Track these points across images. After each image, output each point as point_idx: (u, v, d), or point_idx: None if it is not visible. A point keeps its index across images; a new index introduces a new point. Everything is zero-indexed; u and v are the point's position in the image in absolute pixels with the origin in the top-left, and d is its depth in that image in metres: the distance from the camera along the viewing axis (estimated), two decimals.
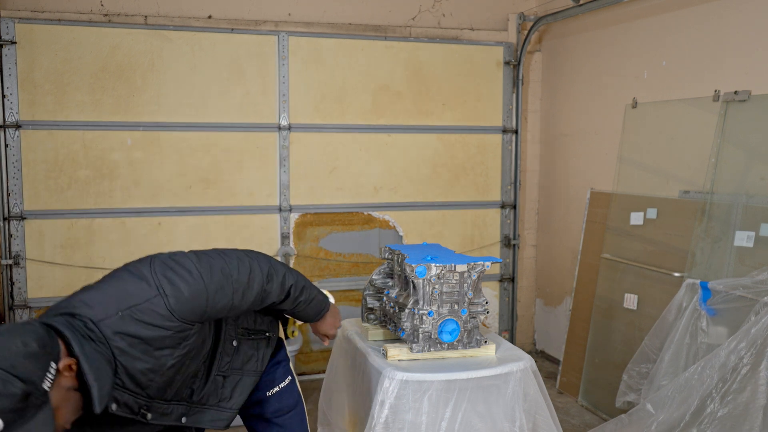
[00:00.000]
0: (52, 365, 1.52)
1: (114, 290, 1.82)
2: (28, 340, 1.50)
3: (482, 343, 2.81)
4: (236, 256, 2.04)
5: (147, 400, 1.85)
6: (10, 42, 4.33)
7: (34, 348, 1.49)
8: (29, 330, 1.55)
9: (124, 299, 1.78)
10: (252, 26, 4.83)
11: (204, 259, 1.94)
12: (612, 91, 4.68)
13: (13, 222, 4.43)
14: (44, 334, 1.56)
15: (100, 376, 1.62)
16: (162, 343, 1.78)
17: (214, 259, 1.96)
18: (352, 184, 5.06)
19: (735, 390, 3.02)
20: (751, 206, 3.49)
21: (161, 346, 1.78)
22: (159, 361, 1.80)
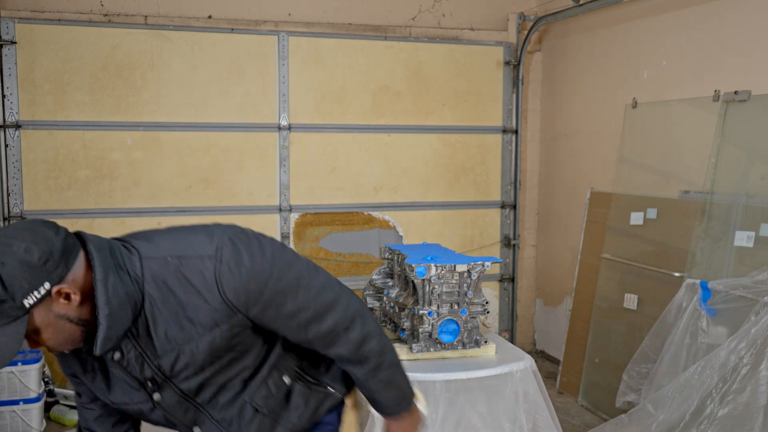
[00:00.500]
0: (45, 285, 1.31)
1: (178, 235, 1.53)
2: (34, 247, 1.31)
3: (482, 343, 2.81)
4: (327, 278, 1.69)
5: (160, 375, 1.54)
6: (10, 42, 4.33)
7: (33, 259, 1.30)
8: (45, 237, 1.34)
9: (179, 246, 1.49)
10: (252, 26, 4.83)
11: (288, 254, 1.59)
12: (612, 91, 4.68)
13: (13, 222, 4.42)
14: (58, 248, 1.34)
15: (114, 315, 1.39)
16: (195, 314, 1.46)
17: (301, 263, 1.62)
18: (352, 184, 5.06)
19: (735, 390, 3.02)
20: (751, 206, 3.49)
21: (193, 317, 1.47)
22: (184, 333, 1.48)
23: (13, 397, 3.92)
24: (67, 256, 1.36)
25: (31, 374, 3.94)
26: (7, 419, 3.92)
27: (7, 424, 3.92)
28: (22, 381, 3.91)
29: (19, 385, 3.91)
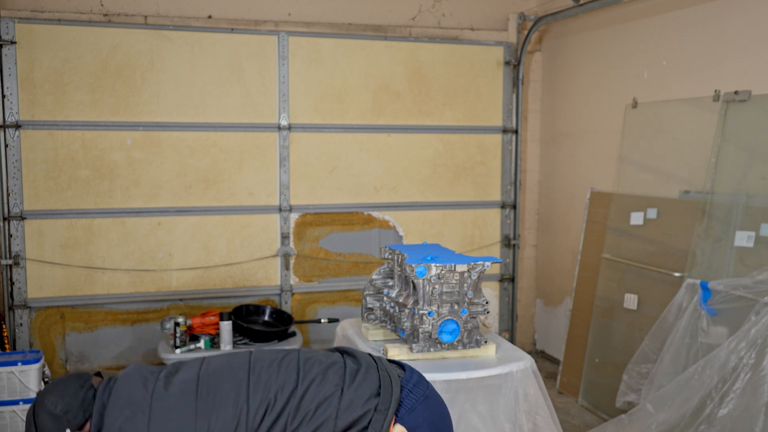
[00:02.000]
0: (66, 430, 1.80)
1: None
2: (59, 401, 1.81)
3: (482, 343, 2.81)
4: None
5: None
6: (10, 42, 4.33)
7: (58, 411, 1.80)
8: (71, 392, 1.84)
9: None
10: (252, 26, 4.83)
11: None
12: (612, 91, 4.68)
13: (13, 222, 4.42)
14: (78, 402, 1.82)
15: None
16: None
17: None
18: (352, 184, 5.06)
19: (735, 390, 3.02)
20: (751, 206, 3.49)
21: None
22: None
23: (13, 397, 3.92)
24: (85, 407, 1.83)
25: (31, 374, 3.94)
26: (7, 419, 3.92)
27: (7, 424, 3.92)
28: (22, 381, 3.91)
29: (19, 385, 3.91)
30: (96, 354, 4.64)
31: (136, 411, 1.81)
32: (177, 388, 1.88)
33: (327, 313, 5.04)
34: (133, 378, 1.90)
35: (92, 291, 4.60)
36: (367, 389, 1.92)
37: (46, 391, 1.85)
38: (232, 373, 1.93)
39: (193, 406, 1.84)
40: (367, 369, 2.00)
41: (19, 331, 4.49)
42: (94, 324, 4.64)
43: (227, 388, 1.88)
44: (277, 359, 1.98)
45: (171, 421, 1.81)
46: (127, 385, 1.87)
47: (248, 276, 4.87)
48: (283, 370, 1.94)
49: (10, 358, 4.00)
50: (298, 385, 1.90)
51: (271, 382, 1.90)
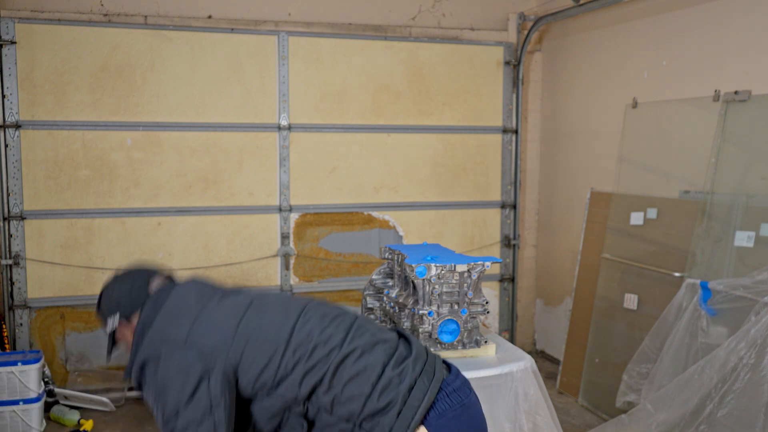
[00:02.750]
0: (116, 314, 2.01)
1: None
2: (115, 290, 2.04)
3: (482, 343, 2.81)
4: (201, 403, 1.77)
5: None
6: (10, 42, 4.33)
7: (113, 297, 2.03)
8: (127, 285, 2.03)
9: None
10: (252, 26, 4.83)
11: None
12: (612, 91, 4.68)
13: (13, 222, 4.42)
14: (131, 296, 2.00)
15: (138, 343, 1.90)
16: None
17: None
18: (352, 184, 5.06)
19: (735, 390, 3.02)
20: (751, 206, 3.49)
21: None
22: None
23: (13, 397, 3.92)
24: (134, 302, 1.99)
25: (31, 374, 3.94)
26: (7, 419, 3.92)
27: (7, 424, 3.92)
28: (22, 381, 3.91)
29: (19, 385, 3.91)
30: (96, 354, 4.64)
31: (183, 316, 1.86)
32: (228, 307, 1.89)
33: None
34: (190, 289, 1.97)
35: (92, 291, 4.60)
36: (408, 379, 1.81)
37: (115, 277, 2.07)
38: (283, 311, 1.90)
39: (235, 328, 1.83)
40: (415, 359, 1.88)
41: (19, 331, 4.49)
42: (94, 324, 4.63)
43: (272, 323, 1.86)
44: (331, 314, 1.92)
45: (211, 333, 1.82)
46: (182, 294, 1.94)
47: (248, 276, 4.87)
48: (332, 326, 1.86)
49: (10, 358, 4.00)
50: (342, 347, 1.81)
51: (314, 334, 1.83)
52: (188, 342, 1.80)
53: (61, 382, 4.56)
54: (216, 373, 1.77)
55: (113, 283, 2.05)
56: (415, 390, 1.80)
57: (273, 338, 1.82)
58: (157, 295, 1.96)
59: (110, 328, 2.01)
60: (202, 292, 1.96)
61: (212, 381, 1.76)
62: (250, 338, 1.82)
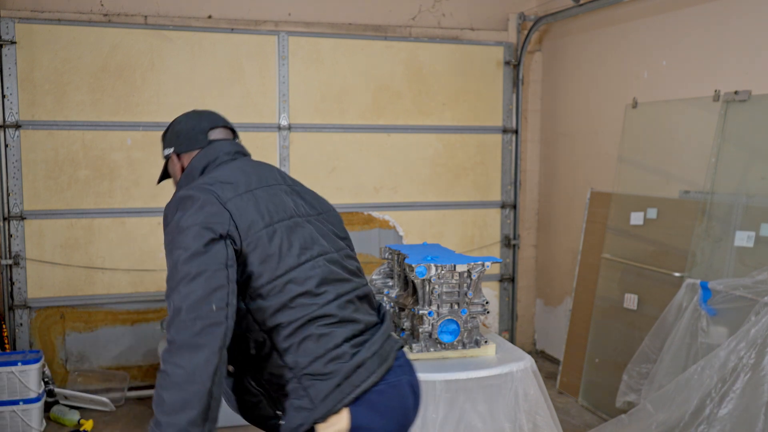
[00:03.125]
0: (171, 148, 2.13)
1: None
2: (180, 127, 2.15)
3: (482, 343, 2.81)
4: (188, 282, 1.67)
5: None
6: (10, 42, 4.33)
7: (175, 132, 2.15)
8: (192, 125, 2.13)
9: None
10: (252, 26, 4.83)
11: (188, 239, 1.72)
12: (612, 91, 4.68)
13: (13, 222, 4.42)
14: (190, 134, 2.10)
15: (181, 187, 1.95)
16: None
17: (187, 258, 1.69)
18: (352, 184, 5.06)
19: (735, 390, 3.02)
20: (751, 206, 3.49)
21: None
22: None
23: (13, 397, 3.92)
24: (191, 144, 2.07)
25: (31, 374, 3.94)
26: (7, 419, 3.92)
27: (7, 424, 3.92)
28: (22, 381, 3.91)
29: (19, 385, 3.91)
30: (96, 354, 4.64)
31: (228, 188, 1.82)
32: (271, 207, 1.85)
33: None
34: (252, 169, 1.96)
35: (92, 291, 4.60)
36: (358, 358, 1.79)
37: (188, 113, 2.18)
38: (308, 243, 1.87)
39: (262, 229, 1.79)
40: (374, 342, 1.86)
41: (19, 331, 4.49)
42: (94, 324, 4.64)
43: (290, 246, 1.81)
44: (337, 276, 1.89)
45: (243, 216, 1.77)
46: (241, 171, 1.92)
47: None
48: (330, 286, 1.84)
49: (10, 358, 4.00)
50: (323, 308, 1.79)
51: (311, 283, 1.79)
52: (223, 206, 1.75)
53: (61, 382, 4.56)
54: (229, 246, 1.71)
55: (183, 117, 2.15)
56: (361, 369, 1.77)
57: (279, 260, 1.76)
58: (216, 155, 2.00)
59: (164, 156, 2.14)
60: (261, 177, 1.93)
61: (222, 249, 1.69)
62: (265, 246, 1.76)
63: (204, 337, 1.60)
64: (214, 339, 1.61)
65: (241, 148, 2.11)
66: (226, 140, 2.09)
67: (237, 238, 1.73)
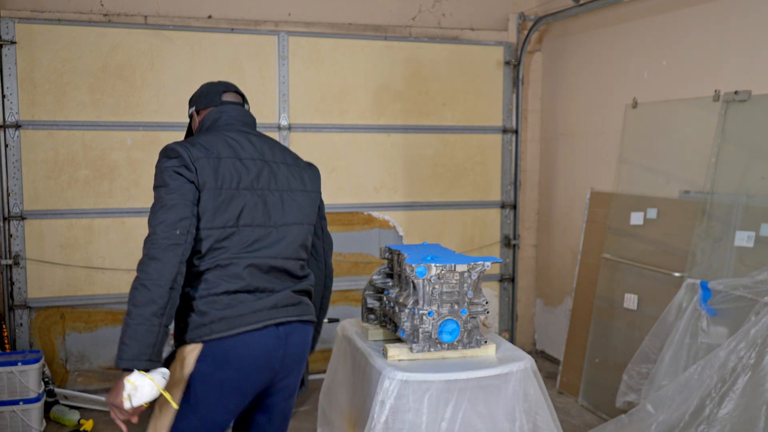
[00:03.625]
0: (194, 107, 2.50)
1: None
2: (200, 91, 2.51)
3: (482, 343, 2.81)
4: (164, 213, 2.10)
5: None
6: (10, 42, 4.33)
7: (196, 95, 2.51)
8: (210, 89, 2.48)
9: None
10: (252, 26, 4.83)
11: (165, 177, 2.15)
12: (612, 91, 4.68)
13: (13, 222, 4.42)
14: (207, 96, 2.46)
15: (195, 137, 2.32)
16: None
17: (163, 192, 2.13)
18: (352, 184, 5.06)
19: (735, 390, 3.02)
20: (751, 206, 3.49)
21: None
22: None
23: (13, 397, 3.92)
24: (205, 101, 2.44)
25: (31, 374, 3.94)
26: (7, 419, 3.92)
27: (7, 424, 3.92)
28: (22, 381, 3.91)
29: (19, 385, 3.91)
30: (96, 354, 4.64)
31: (213, 148, 2.22)
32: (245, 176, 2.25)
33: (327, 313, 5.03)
34: (242, 141, 2.31)
35: (92, 291, 4.60)
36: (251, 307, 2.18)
37: (209, 81, 2.54)
38: (262, 217, 2.25)
39: (234, 190, 2.20)
40: (276, 305, 2.23)
41: (19, 331, 4.49)
42: (94, 324, 4.64)
43: (242, 210, 2.21)
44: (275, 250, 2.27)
45: (217, 173, 2.18)
46: (232, 138, 2.30)
47: None
48: (261, 248, 2.24)
49: (10, 358, 4.00)
50: (245, 258, 2.19)
51: (248, 238, 2.21)
52: (191, 162, 2.16)
53: (61, 382, 4.56)
54: (194, 190, 2.14)
55: (204, 84, 2.52)
56: (222, 322, 2.13)
57: (213, 216, 2.16)
58: (220, 115, 2.38)
59: (189, 114, 2.52)
60: (236, 150, 2.26)
61: (190, 190, 2.13)
62: (208, 201, 2.15)
63: (167, 253, 2.05)
64: (174, 255, 2.05)
65: (245, 115, 2.42)
66: (235, 104, 2.43)
67: (197, 186, 2.15)
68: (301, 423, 4.25)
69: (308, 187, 2.41)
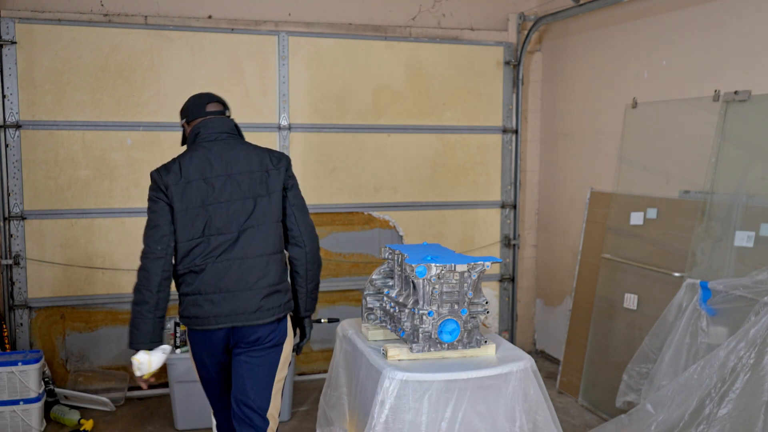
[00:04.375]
0: (183, 119, 2.92)
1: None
2: (188, 104, 2.92)
3: (482, 343, 2.81)
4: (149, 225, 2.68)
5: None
6: (10, 42, 4.33)
7: (185, 108, 2.93)
8: (197, 102, 2.90)
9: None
10: (252, 26, 4.83)
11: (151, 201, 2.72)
12: (612, 91, 4.68)
13: (13, 222, 4.43)
14: (195, 108, 2.89)
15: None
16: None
17: (150, 213, 2.70)
18: (352, 184, 5.06)
19: (735, 390, 3.02)
20: (751, 206, 3.50)
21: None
22: None
23: (13, 397, 3.93)
24: (193, 113, 2.87)
25: (31, 374, 3.94)
26: (7, 419, 3.92)
27: (7, 424, 3.92)
28: (22, 381, 3.92)
29: (19, 385, 3.91)
30: (96, 354, 4.65)
31: (192, 170, 2.71)
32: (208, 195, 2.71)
33: (327, 313, 5.04)
34: (212, 159, 2.74)
35: (92, 291, 4.60)
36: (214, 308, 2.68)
37: (195, 94, 2.97)
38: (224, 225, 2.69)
39: (199, 207, 2.68)
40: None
41: (20, 331, 4.49)
42: (94, 324, 4.64)
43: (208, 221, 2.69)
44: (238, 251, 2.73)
45: (176, 196, 2.67)
46: (205, 159, 2.74)
47: None
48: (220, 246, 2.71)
49: (10, 358, 4.00)
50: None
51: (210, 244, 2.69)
52: (165, 189, 2.68)
53: (61, 382, 4.56)
54: (169, 212, 2.66)
55: (191, 97, 2.93)
56: (194, 319, 2.68)
57: (183, 230, 2.66)
58: (199, 130, 2.80)
59: (181, 125, 2.92)
60: (204, 170, 2.71)
61: (167, 211, 2.65)
62: (179, 219, 2.65)
63: (152, 264, 2.62)
64: (157, 266, 2.62)
65: (222, 125, 2.83)
66: (216, 114, 2.86)
67: (171, 206, 2.66)
68: (301, 423, 4.25)
69: (271, 189, 2.74)
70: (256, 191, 2.71)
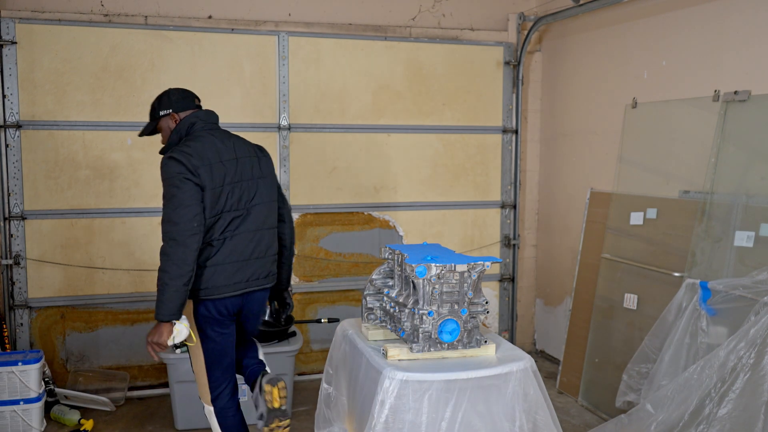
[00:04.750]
0: (168, 110, 3.09)
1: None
2: (173, 96, 3.11)
3: (482, 343, 2.81)
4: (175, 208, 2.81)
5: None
6: (11, 42, 4.33)
7: (171, 99, 3.11)
8: (180, 94, 3.11)
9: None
10: (252, 26, 4.83)
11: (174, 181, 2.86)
12: (612, 91, 4.68)
13: (13, 222, 4.43)
14: (181, 100, 3.11)
15: (177, 139, 3.07)
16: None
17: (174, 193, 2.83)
18: (352, 184, 5.06)
19: (734, 390, 3.02)
20: (751, 206, 3.50)
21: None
22: None
23: (14, 396, 3.93)
24: (183, 105, 3.10)
25: (32, 374, 3.94)
26: (7, 419, 3.92)
27: (7, 424, 3.92)
28: (23, 381, 3.92)
29: (19, 385, 3.92)
30: (96, 354, 4.65)
31: (206, 155, 2.92)
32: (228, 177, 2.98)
33: (327, 313, 5.04)
34: (222, 146, 3.00)
35: (92, 291, 4.61)
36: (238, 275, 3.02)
37: (169, 88, 3.16)
38: (240, 208, 3.01)
39: (221, 186, 2.93)
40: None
41: (20, 331, 4.49)
42: (95, 324, 4.64)
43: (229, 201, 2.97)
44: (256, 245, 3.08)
45: (211, 174, 2.91)
46: (218, 143, 3.00)
47: None
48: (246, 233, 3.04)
49: (10, 357, 4.00)
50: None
51: (232, 226, 2.97)
52: (195, 171, 2.86)
53: (61, 382, 4.56)
54: (200, 191, 2.86)
55: (170, 90, 3.12)
56: (211, 288, 2.93)
57: (213, 206, 2.89)
58: (196, 120, 3.04)
59: (161, 115, 3.07)
60: (221, 152, 2.96)
61: (198, 191, 2.85)
62: (210, 197, 2.88)
63: (190, 239, 2.79)
64: (195, 241, 2.80)
65: (209, 116, 3.10)
66: (206, 109, 3.12)
67: (201, 188, 2.86)
68: (301, 423, 4.25)
69: (265, 172, 3.13)
70: (256, 173, 3.07)
